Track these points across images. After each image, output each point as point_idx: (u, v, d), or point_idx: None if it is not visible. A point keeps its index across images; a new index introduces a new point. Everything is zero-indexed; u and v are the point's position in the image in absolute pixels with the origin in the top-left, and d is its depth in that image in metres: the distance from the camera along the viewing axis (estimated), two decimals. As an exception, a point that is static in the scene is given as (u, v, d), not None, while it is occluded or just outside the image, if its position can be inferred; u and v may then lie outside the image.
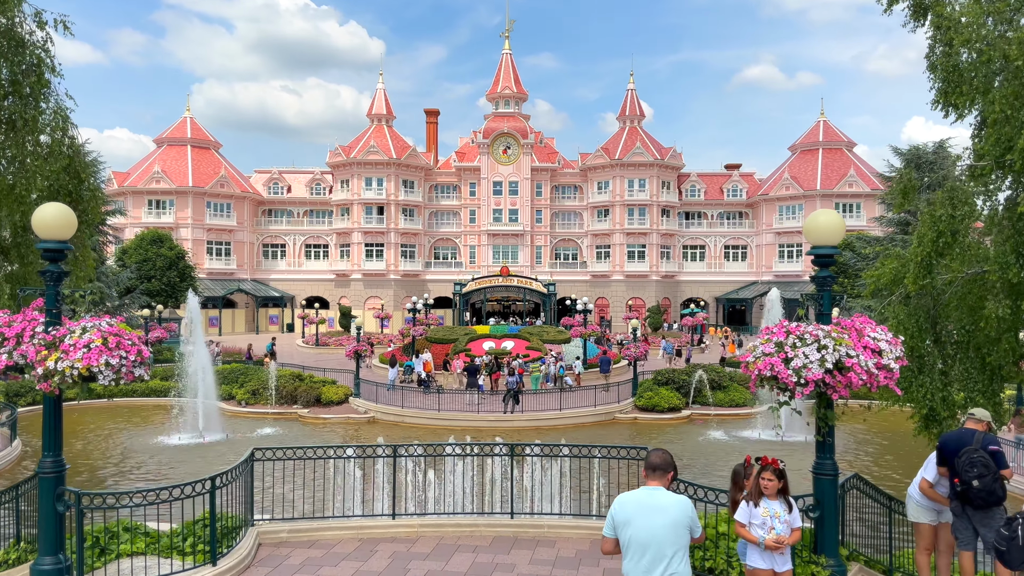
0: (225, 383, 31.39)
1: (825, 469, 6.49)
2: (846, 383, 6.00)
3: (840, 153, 74.43)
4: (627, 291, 73.94)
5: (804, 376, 5.89)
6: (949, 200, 9.54)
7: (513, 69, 79.31)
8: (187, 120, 75.55)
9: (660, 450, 5.10)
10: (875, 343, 6.14)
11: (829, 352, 5.90)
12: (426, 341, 39.53)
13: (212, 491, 7.76)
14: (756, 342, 6.25)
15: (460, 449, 9.46)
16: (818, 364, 5.88)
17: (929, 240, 9.55)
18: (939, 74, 11.20)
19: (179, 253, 58.41)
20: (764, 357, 6.06)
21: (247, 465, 8.60)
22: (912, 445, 25.67)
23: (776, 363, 5.96)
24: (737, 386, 30.66)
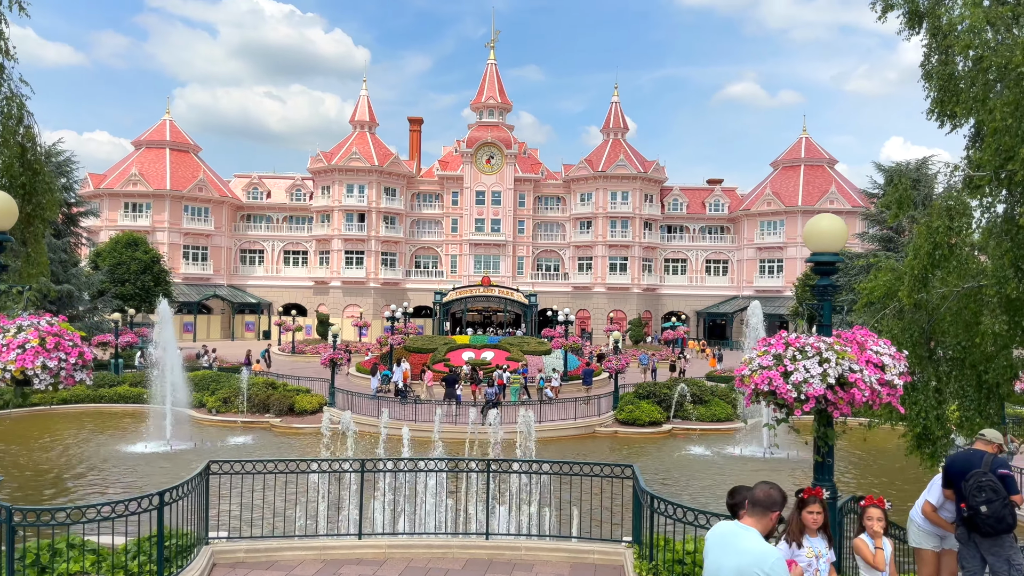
0: (196, 390, 30.57)
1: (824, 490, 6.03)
2: (848, 400, 5.55)
3: (822, 170, 74.83)
4: (609, 303, 73.69)
5: (804, 392, 5.44)
6: (946, 211, 9.18)
7: (498, 79, 79.12)
8: (166, 123, 74.54)
9: (769, 484, 4.38)
10: (878, 357, 5.71)
11: (831, 366, 5.46)
12: (404, 350, 38.87)
13: (160, 507, 7.14)
14: (752, 354, 5.80)
15: (433, 465, 8.93)
16: (819, 379, 5.43)
17: (925, 252, 9.18)
18: (935, 83, 10.90)
19: (154, 257, 57.37)
20: (761, 371, 5.60)
21: (201, 479, 7.97)
22: (901, 465, 25.41)
23: (775, 377, 5.50)
24: (719, 401, 30.31)
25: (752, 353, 5.81)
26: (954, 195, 9.30)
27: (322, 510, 9.42)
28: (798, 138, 77.44)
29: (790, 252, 72.19)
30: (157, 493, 7.16)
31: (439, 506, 9.50)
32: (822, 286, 6.05)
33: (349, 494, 9.35)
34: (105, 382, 31.53)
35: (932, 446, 10.02)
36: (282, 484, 9.33)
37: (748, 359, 5.82)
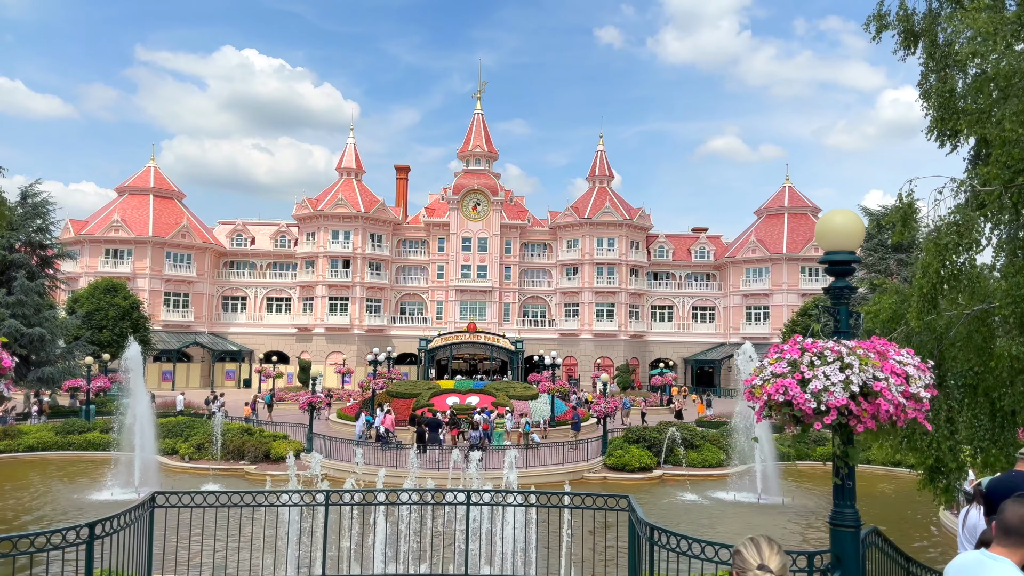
0: (169, 436, 29.45)
1: (845, 519, 5.34)
2: (873, 412, 4.93)
3: (805, 218, 75.29)
4: (596, 350, 72.98)
5: (824, 402, 4.81)
6: (955, 227, 8.70)
7: (484, 128, 79.68)
8: (150, 169, 74.17)
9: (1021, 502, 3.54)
10: (901, 367, 5.10)
11: (854, 373, 4.85)
12: (387, 395, 37.88)
13: (90, 541, 6.27)
14: (764, 362, 5.18)
15: (407, 497, 8.16)
16: (842, 387, 4.81)
17: (934, 271, 8.66)
18: (933, 102, 10.56)
19: (133, 303, 56.31)
20: (775, 379, 4.98)
21: (143, 511, 7.09)
22: (898, 505, 24.65)
23: (791, 386, 4.87)
24: (710, 446, 29.52)
25: (764, 361, 5.19)
26: (962, 210, 8.83)
27: (287, 548, 8.56)
28: (781, 187, 78.11)
29: (776, 299, 72.10)
30: (87, 524, 6.28)
31: (415, 543, 8.69)
32: (838, 288, 5.47)
33: (312, 529, 8.50)
34: (75, 428, 30.35)
35: (946, 479, 9.34)
36: (241, 521, 8.44)
37: (759, 368, 5.20)
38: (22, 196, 35.07)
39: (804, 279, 71.71)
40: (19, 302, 32.76)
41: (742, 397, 24.74)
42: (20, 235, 34.15)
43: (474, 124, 79.70)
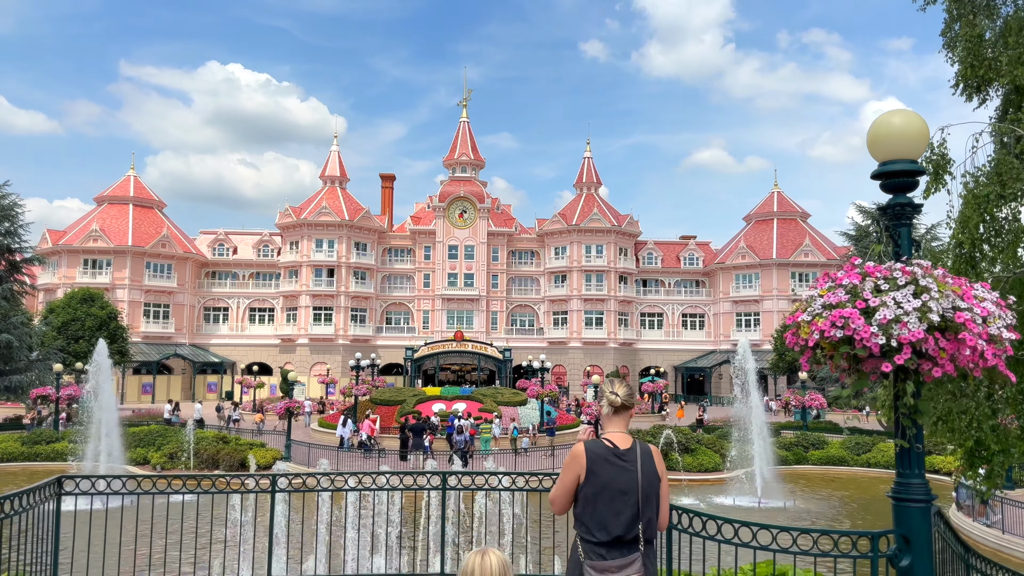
0: (140, 446, 28.10)
1: (913, 492, 4.27)
2: (952, 352, 3.87)
3: (795, 223, 74.74)
4: (585, 358, 71.89)
5: (895, 336, 3.76)
6: (996, 175, 7.73)
7: (470, 136, 78.84)
8: (130, 179, 72.74)
9: None
10: (978, 303, 4.06)
11: (933, 299, 3.81)
12: (371, 402, 36.62)
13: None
14: (812, 293, 4.12)
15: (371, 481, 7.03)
16: (917, 317, 3.77)
17: (974, 224, 7.68)
18: (959, 51, 9.61)
19: (111, 313, 54.83)
20: (828, 311, 3.92)
21: (43, 499, 5.76)
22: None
23: (852, 317, 3.81)
24: (706, 450, 28.49)
25: (812, 291, 4.13)
26: (1003, 157, 7.86)
27: (237, 543, 7.40)
28: (770, 192, 77.55)
29: (766, 305, 71.32)
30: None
31: (390, 538, 7.58)
32: (898, 206, 4.42)
33: (281, 523, 7.36)
34: (43, 438, 28.94)
35: (988, 462, 8.28)
36: (194, 517, 7.22)
37: (804, 301, 4.14)
38: (-11, 198, 33.76)
39: (795, 284, 71.00)
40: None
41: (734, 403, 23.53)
42: (-14, 238, 32.86)
43: (460, 132, 78.84)
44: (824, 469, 30.34)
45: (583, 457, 4.03)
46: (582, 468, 4.03)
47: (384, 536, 7.78)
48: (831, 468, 30.38)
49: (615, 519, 3.94)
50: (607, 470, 3.99)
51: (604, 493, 3.97)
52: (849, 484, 27.92)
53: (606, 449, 4.05)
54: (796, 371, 56.08)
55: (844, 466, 30.44)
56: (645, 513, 3.98)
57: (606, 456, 4.02)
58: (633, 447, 4.11)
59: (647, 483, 4.04)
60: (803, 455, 30.88)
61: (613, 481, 3.99)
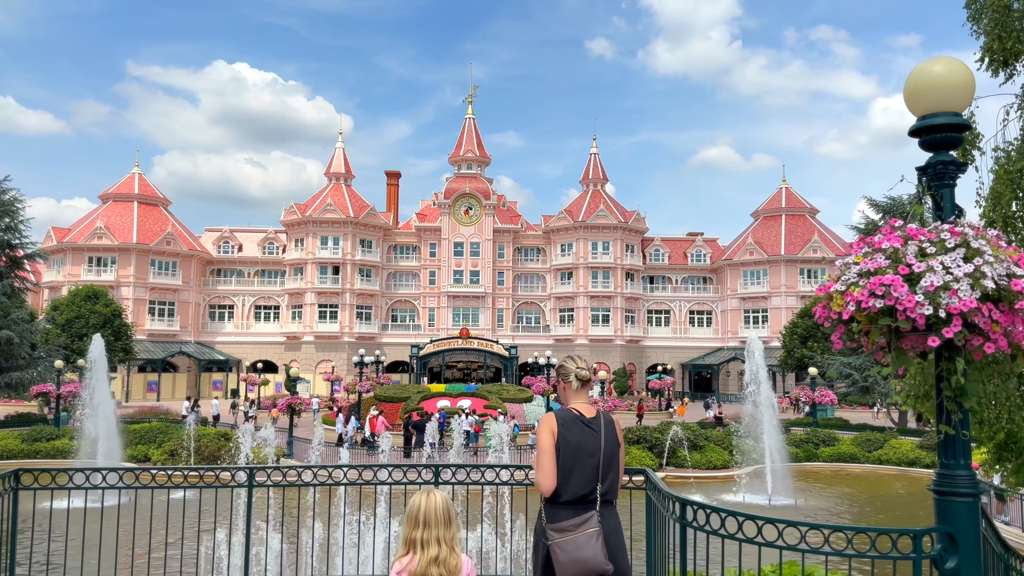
0: (141, 443, 27.76)
1: (959, 485, 3.79)
2: (1007, 325, 3.40)
3: (803, 219, 74.06)
4: (591, 356, 71.26)
5: (944, 305, 3.29)
6: (1028, 150, 7.24)
7: (476, 133, 78.40)
8: (135, 176, 72.56)
9: None
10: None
11: (987, 263, 3.34)
12: (375, 399, 36.25)
13: None
14: (847, 259, 3.65)
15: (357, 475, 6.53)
16: (969, 284, 3.31)
17: (1007, 201, 7.19)
18: (985, 22, 9.10)
19: (115, 310, 54.66)
20: (866, 279, 3.45)
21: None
22: (919, 505, 23.16)
23: (894, 284, 3.35)
24: (714, 447, 27.96)
25: (846, 258, 3.66)
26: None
27: (208, 546, 6.96)
28: (778, 188, 76.91)
29: (775, 302, 70.71)
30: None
31: (377, 542, 7.13)
32: (940, 164, 3.94)
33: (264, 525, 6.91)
34: (43, 435, 28.63)
35: (1019, 457, 7.78)
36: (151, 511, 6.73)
37: (839, 271, 3.67)
38: (-10, 193, 33.48)
39: (803, 281, 70.37)
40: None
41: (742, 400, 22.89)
42: (-14, 234, 32.56)
43: (465, 129, 78.41)
44: (835, 466, 29.80)
45: (554, 420, 4.34)
46: (555, 429, 4.30)
47: (372, 535, 7.33)
48: (842, 465, 29.83)
49: (582, 480, 4.24)
50: (575, 434, 4.29)
51: (573, 455, 4.25)
52: (861, 481, 27.39)
53: (574, 416, 4.37)
54: (805, 368, 55.48)
55: (855, 463, 29.89)
56: (608, 476, 4.30)
57: (574, 421, 4.34)
58: (598, 416, 4.45)
59: (609, 448, 4.36)
60: (813, 452, 30.33)
61: (581, 445, 4.28)
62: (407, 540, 3.63)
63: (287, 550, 7.46)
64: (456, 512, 3.72)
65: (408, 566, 3.57)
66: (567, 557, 4.10)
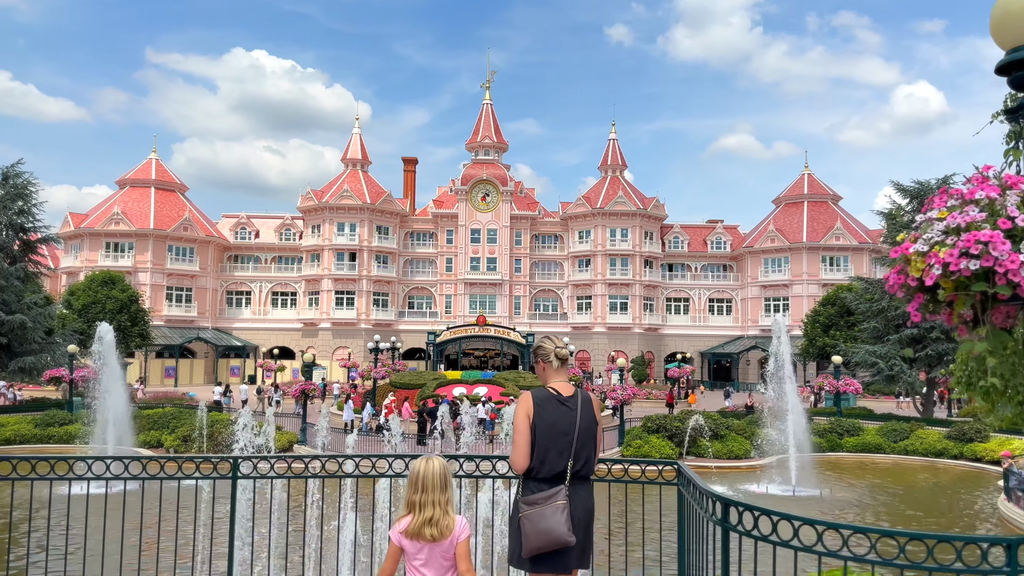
0: (154, 428, 27.55)
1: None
2: None
3: (826, 206, 72.74)
4: (609, 344, 70.71)
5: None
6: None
7: (493, 119, 77.62)
8: (152, 162, 72.55)
9: None
10: None
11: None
12: (391, 386, 35.88)
13: None
14: (929, 214, 3.03)
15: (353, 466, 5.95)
16: (1086, 238, 2.68)
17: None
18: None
19: (132, 296, 54.67)
20: (956, 236, 2.84)
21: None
22: (948, 495, 22.41)
23: (994, 241, 2.74)
24: (736, 436, 27.30)
25: (928, 214, 3.04)
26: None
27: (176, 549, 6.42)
28: (800, 175, 75.57)
29: (796, 290, 69.59)
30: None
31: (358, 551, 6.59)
32: (1036, 102, 3.31)
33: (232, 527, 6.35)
34: (56, 420, 28.50)
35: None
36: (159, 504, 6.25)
37: (920, 226, 3.05)
38: (3, 177, 33.24)
39: (825, 269, 69.20)
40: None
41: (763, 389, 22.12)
42: (0, 217, 32.29)
43: (483, 114, 77.66)
44: (859, 456, 29.04)
45: (530, 400, 4.41)
46: (530, 408, 4.37)
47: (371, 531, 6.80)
48: (867, 455, 29.06)
49: (557, 457, 4.33)
50: (551, 412, 4.38)
51: (548, 434, 4.33)
52: (887, 472, 26.64)
53: (550, 395, 4.45)
54: (826, 357, 54.50)
55: (880, 453, 29.10)
56: (582, 453, 4.39)
57: (550, 400, 4.42)
58: (576, 394, 4.55)
59: (585, 425, 4.46)
60: (837, 442, 29.57)
61: (556, 423, 4.36)
62: (408, 502, 4.02)
63: (277, 545, 6.97)
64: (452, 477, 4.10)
65: (407, 526, 3.96)
66: (531, 528, 4.19)
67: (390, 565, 4.04)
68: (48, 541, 6.80)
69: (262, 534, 8.24)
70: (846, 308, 52.26)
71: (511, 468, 4.50)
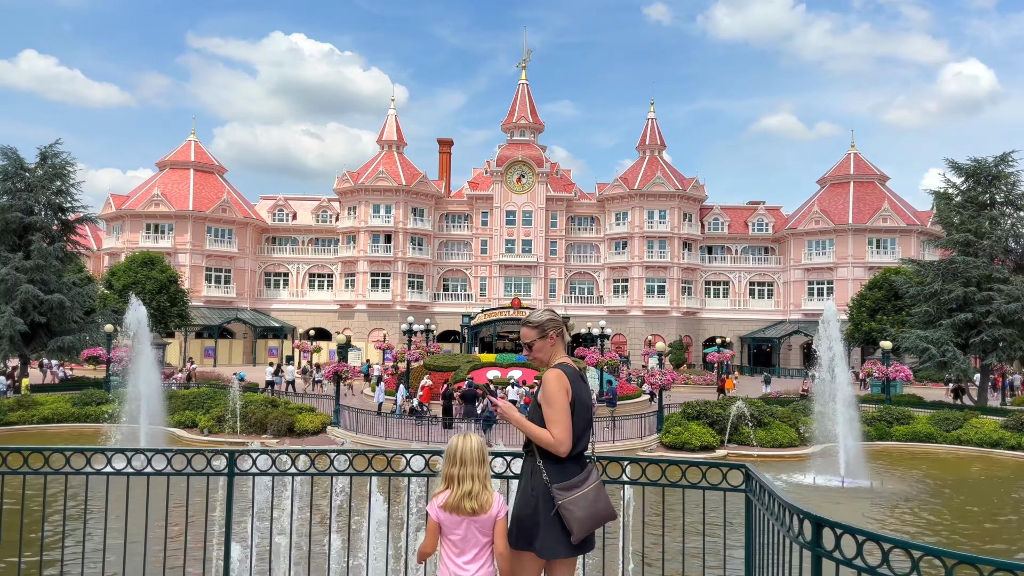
0: (189, 408, 27.54)
1: None
2: None
3: (872, 187, 70.45)
4: (646, 328, 69.61)
5: None
6: None
7: (529, 99, 76.55)
8: (191, 143, 73.01)
9: None
10: None
11: None
12: (424, 368, 35.48)
13: None
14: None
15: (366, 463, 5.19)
16: None
17: None
18: None
19: (171, 276, 55.12)
20: None
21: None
22: (1006, 488, 21.26)
23: None
24: (780, 424, 26.35)
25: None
26: None
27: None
28: (846, 154, 73.26)
29: (841, 273, 67.66)
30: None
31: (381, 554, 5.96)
32: None
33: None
34: (93, 400, 28.65)
35: None
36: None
37: None
38: (41, 157, 33.37)
39: (871, 252, 67.12)
40: (37, 267, 31.08)
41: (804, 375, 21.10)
42: (39, 197, 32.47)
43: (518, 95, 76.60)
44: (909, 446, 27.89)
45: (566, 377, 4.15)
46: (568, 385, 4.13)
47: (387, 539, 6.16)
48: (917, 445, 27.90)
49: (584, 433, 4.19)
50: (580, 388, 4.23)
51: (580, 410, 4.17)
52: (939, 463, 25.50)
53: (575, 371, 4.27)
54: (872, 342, 52.83)
55: (931, 443, 27.93)
56: (591, 427, 4.29)
57: (576, 376, 4.24)
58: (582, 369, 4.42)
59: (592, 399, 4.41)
60: (886, 430, 28.44)
61: (585, 399, 4.23)
62: (446, 476, 3.96)
63: (282, 547, 6.43)
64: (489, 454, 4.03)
65: (446, 500, 3.89)
66: (585, 512, 3.97)
67: (431, 541, 3.91)
68: (64, 528, 6.33)
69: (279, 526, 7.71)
70: (894, 292, 50.57)
71: (549, 450, 4.02)
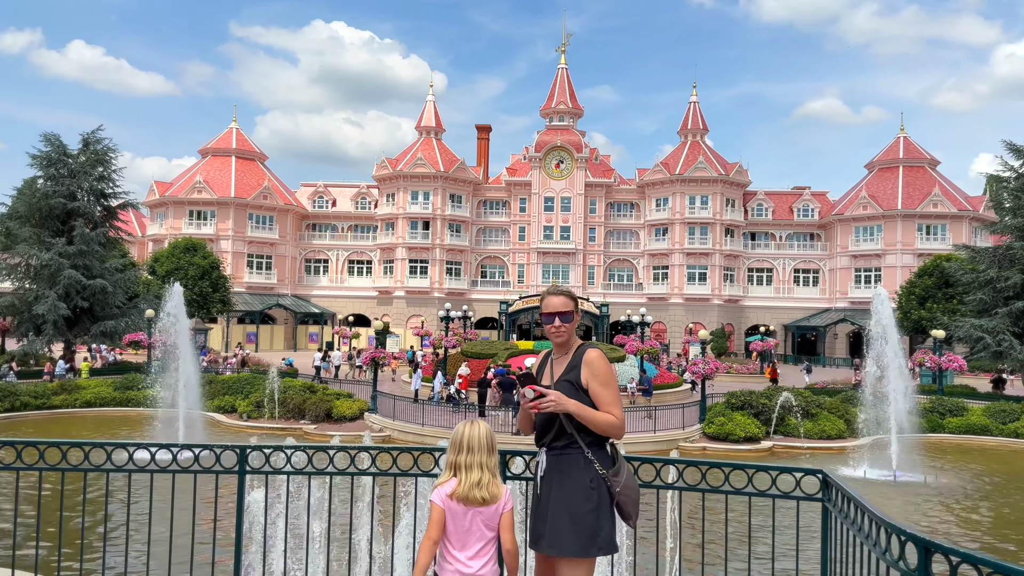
0: (229, 393, 27.70)
1: None
2: None
3: (923, 171, 68.18)
4: (686, 315, 68.56)
5: None
6: None
7: (568, 84, 75.62)
8: (232, 131, 73.72)
9: None
10: None
11: None
12: (462, 355, 35.25)
13: None
14: None
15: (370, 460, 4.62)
16: None
17: None
18: None
19: (213, 262, 55.77)
20: None
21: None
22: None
23: None
24: (828, 415, 25.52)
25: None
26: None
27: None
28: (895, 138, 71.01)
29: (889, 260, 65.72)
30: None
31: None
32: None
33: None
34: (135, 384, 28.97)
35: None
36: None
37: None
38: (83, 143, 33.79)
39: (921, 238, 65.05)
40: (80, 252, 31.51)
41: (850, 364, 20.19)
42: (81, 183, 32.88)
43: (557, 79, 75.71)
44: (963, 438, 26.84)
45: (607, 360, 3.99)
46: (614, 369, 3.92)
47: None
48: (971, 438, 26.84)
49: None
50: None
51: None
52: (995, 457, 24.47)
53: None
54: (922, 331, 51.19)
55: (987, 436, 26.85)
56: None
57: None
58: None
59: None
60: (938, 422, 27.41)
61: None
62: (450, 464, 3.71)
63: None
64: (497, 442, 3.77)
65: (454, 489, 3.64)
66: (636, 494, 3.85)
67: (436, 531, 3.66)
68: (81, 522, 6.12)
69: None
70: (945, 279, 48.96)
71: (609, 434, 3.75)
